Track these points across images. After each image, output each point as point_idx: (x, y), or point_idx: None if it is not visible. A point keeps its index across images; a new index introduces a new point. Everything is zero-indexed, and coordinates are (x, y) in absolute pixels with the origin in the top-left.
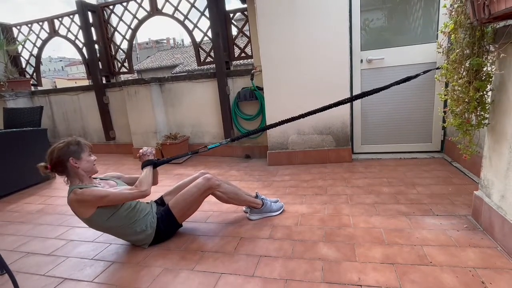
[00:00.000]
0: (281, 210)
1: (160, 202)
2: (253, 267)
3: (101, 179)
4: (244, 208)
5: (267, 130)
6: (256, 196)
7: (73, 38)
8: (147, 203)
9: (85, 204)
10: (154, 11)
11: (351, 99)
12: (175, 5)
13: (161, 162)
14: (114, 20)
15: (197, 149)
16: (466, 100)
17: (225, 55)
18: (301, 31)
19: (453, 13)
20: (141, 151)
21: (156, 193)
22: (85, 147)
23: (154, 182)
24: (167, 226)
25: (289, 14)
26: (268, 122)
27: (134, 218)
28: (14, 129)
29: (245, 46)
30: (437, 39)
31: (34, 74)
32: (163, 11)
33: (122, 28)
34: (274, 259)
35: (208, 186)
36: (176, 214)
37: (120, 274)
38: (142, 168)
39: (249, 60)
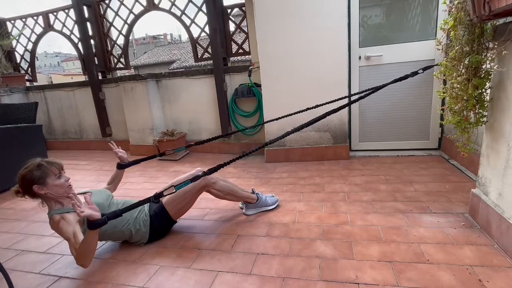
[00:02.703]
0: (276, 204)
1: (155, 199)
2: (250, 265)
3: (82, 193)
4: (240, 204)
5: (265, 127)
6: (252, 192)
7: (68, 33)
8: None
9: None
10: (151, 6)
11: (349, 103)
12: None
13: (113, 215)
14: (110, 15)
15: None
16: (464, 97)
17: (223, 51)
18: (300, 28)
19: (453, 9)
20: (78, 204)
21: (151, 190)
22: (49, 171)
23: (117, 182)
24: (162, 223)
25: (287, 10)
26: (266, 119)
27: (126, 219)
28: (9, 125)
29: (243, 42)
30: (435, 36)
31: (29, 69)
32: (160, 6)
33: (118, 23)
34: (271, 257)
35: (203, 184)
36: (170, 211)
37: (116, 272)
38: (87, 227)
39: (247, 56)
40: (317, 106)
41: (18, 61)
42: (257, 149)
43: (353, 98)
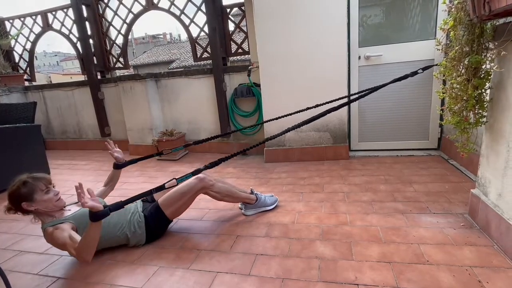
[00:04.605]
0: (275, 204)
1: (150, 199)
2: (249, 265)
3: (74, 203)
4: (239, 204)
5: (264, 127)
6: (251, 193)
7: (67, 32)
8: None
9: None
10: (150, 5)
11: (348, 102)
12: None
13: (115, 207)
14: (109, 14)
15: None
16: (464, 98)
17: (222, 51)
18: (299, 27)
19: (452, 9)
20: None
21: (148, 189)
22: (36, 187)
23: (115, 182)
24: (157, 223)
25: (286, 10)
26: (266, 119)
27: (120, 223)
28: (7, 125)
29: (242, 42)
30: (435, 36)
31: (28, 69)
32: (159, 5)
33: (117, 22)
34: (271, 258)
35: (201, 186)
36: (165, 211)
37: (115, 273)
38: (90, 219)
39: (246, 56)
40: (317, 105)
41: (17, 60)
42: (257, 145)
43: (352, 97)
